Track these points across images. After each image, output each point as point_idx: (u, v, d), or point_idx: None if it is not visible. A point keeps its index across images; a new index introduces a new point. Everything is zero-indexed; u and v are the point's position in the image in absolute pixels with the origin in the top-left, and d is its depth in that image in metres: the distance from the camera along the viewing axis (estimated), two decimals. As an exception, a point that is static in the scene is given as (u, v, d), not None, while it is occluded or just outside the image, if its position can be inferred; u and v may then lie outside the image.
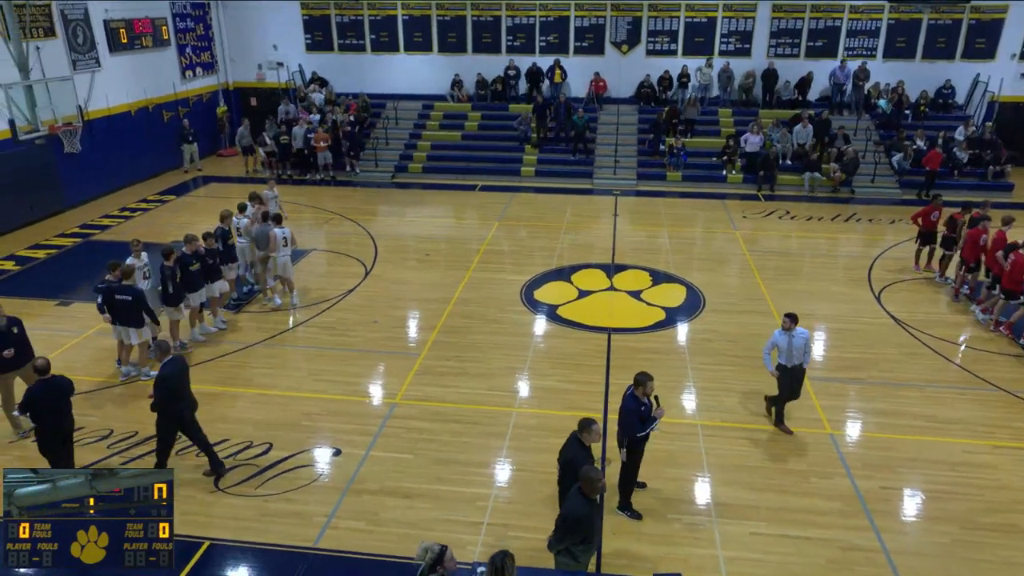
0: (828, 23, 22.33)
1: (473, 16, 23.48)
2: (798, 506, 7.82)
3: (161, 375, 7.92)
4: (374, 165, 21.82)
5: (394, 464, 8.48)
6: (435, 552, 5.17)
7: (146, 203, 19.11)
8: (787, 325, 8.75)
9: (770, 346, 8.91)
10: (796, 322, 8.76)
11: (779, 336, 8.82)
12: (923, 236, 14.21)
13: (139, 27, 20.66)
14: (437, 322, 12.15)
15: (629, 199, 19.76)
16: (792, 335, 8.74)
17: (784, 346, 8.78)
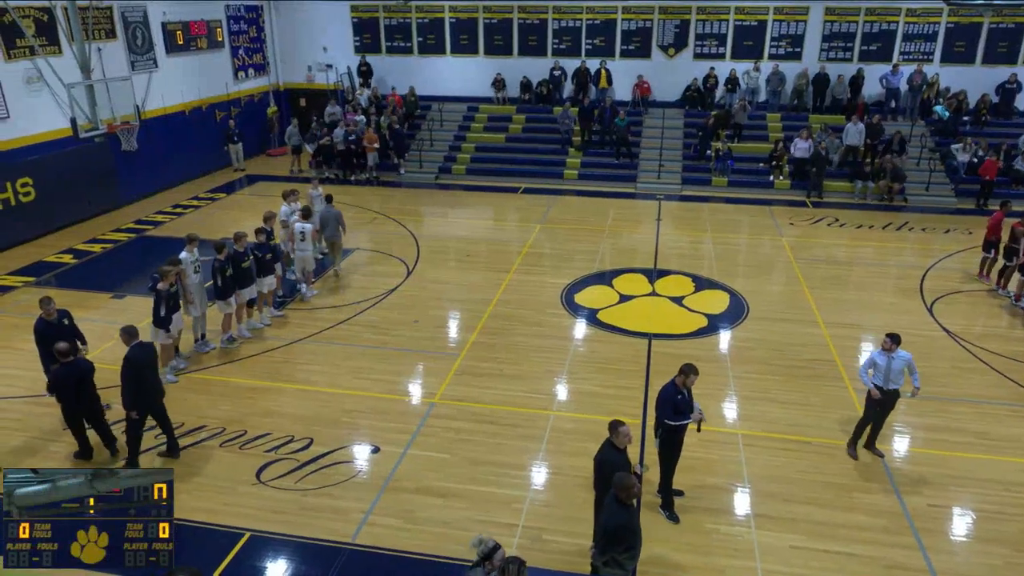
0: (883, 27, 21.77)
1: (520, 19, 23.54)
2: (841, 521, 7.65)
3: (126, 356, 8.12)
4: (419, 166, 22.03)
5: (431, 463, 8.54)
6: (488, 547, 5.15)
7: (197, 200, 19.63)
8: (888, 345, 8.32)
9: (868, 365, 8.50)
10: (898, 343, 8.32)
11: (878, 356, 8.39)
12: (988, 244, 13.72)
13: (195, 29, 21.26)
14: (477, 323, 12.20)
15: (673, 204, 19.57)
16: (892, 357, 8.30)
17: (883, 366, 8.34)
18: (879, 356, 8.38)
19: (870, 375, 8.50)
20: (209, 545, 7.27)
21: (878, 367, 8.36)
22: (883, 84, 21.57)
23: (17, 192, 15.58)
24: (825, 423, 9.41)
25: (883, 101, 21.79)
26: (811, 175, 19.71)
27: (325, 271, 14.46)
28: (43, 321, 9.05)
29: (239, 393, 10.08)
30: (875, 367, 8.39)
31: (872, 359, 8.45)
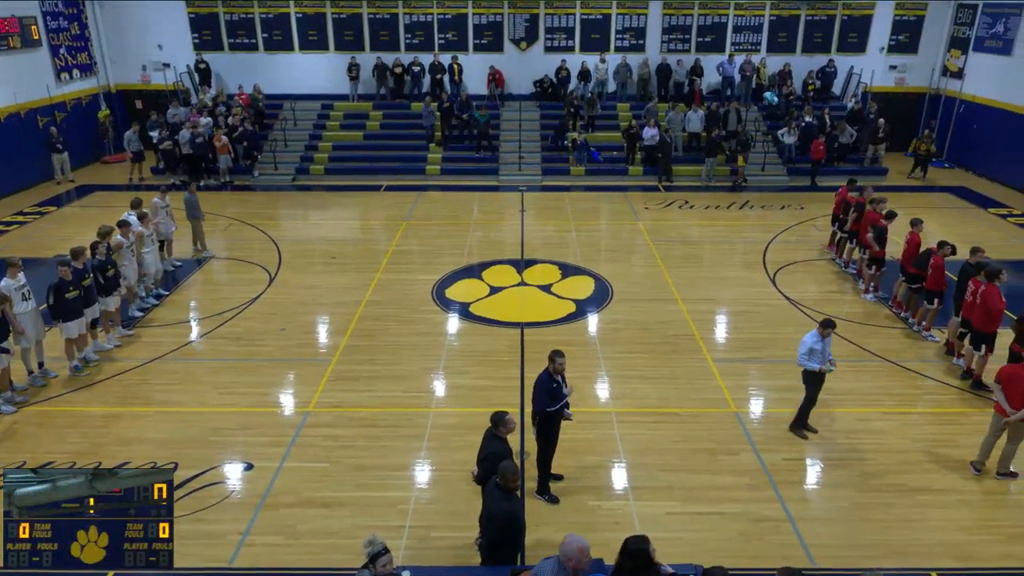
0: (715, 19, 23.31)
1: (370, 13, 23.10)
2: (710, 484, 8.15)
3: None
4: (273, 168, 21.14)
5: (310, 474, 8.28)
6: (376, 549, 5.13)
7: (22, 216, 17.81)
8: (824, 331, 8.63)
9: (806, 351, 8.69)
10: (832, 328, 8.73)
11: (814, 342, 8.63)
12: (835, 218, 14.85)
13: (4, 27, 19.16)
14: (348, 326, 11.92)
15: (535, 194, 20.01)
16: (826, 340, 8.67)
17: (819, 350, 8.64)
18: (815, 341, 8.63)
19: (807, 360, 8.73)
20: (67, 591, 6.67)
21: (815, 352, 8.64)
22: (719, 72, 23.09)
23: None
24: (690, 394, 9.99)
25: (719, 89, 23.35)
26: (660, 161, 20.78)
27: (179, 283, 13.63)
28: None
29: (90, 422, 9.30)
30: (812, 352, 8.65)
31: (809, 346, 8.64)
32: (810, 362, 8.67)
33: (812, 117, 21.41)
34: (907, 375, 10.58)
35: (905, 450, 8.81)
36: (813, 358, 8.65)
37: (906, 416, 9.60)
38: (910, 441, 8.99)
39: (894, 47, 23.62)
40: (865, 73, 23.29)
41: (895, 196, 16.79)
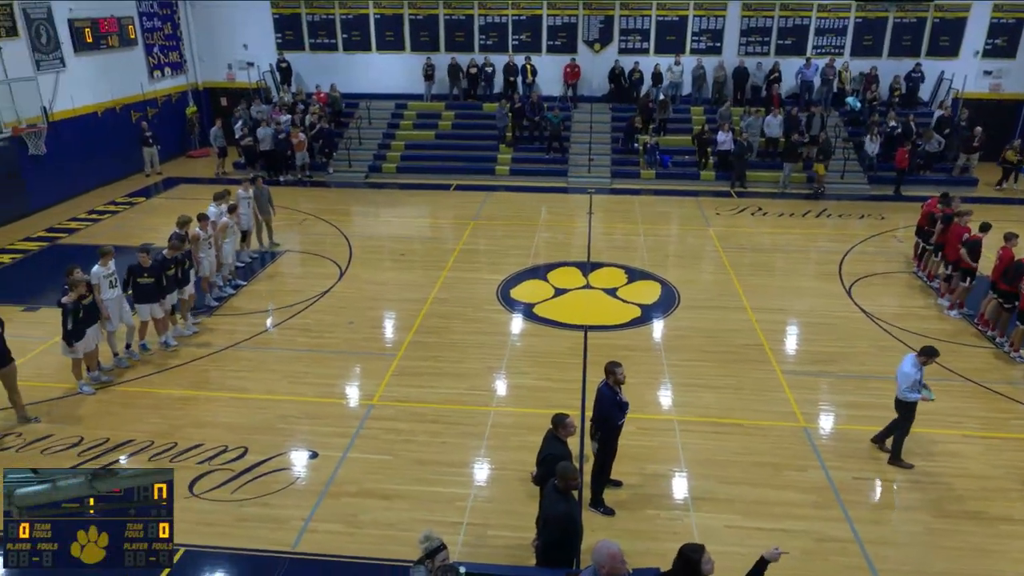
0: (797, 21, 22.63)
1: (446, 15, 23.41)
2: (773, 499, 7.91)
3: None
4: (347, 165, 21.66)
5: (372, 466, 8.43)
6: (433, 545, 5.16)
7: (114, 205, 18.78)
8: (928, 361, 8.27)
9: (913, 382, 8.19)
10: None
11: (915, 370, 8.21)
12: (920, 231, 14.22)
13: (104, 26, 20.27)
14: (414, 322, 12.10)
15: (604, 197, 19.85)
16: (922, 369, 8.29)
17: (918, 379, 8.22)
18: (917, 371, 8.22)
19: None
20: (141, 563, 6.99)
21: (917, 383, 8.26)
22: (798, 77, 22.40)
23: (-88, 201, 14.59)
24: (756, 406, 9.72)
25: (798, 94, 22.67)
26: (733, 166, 20.33)
27: (255, 274, 14.15)
28: None
29: (168, 404, 9.73)
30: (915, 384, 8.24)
31: (913, 378, 8.21)
32: (913, 393, 8.23)
33: (897, 123, 20.53)
34: (993, 397, 10.02)
35: (987, 476, 8.35)
36: (914, 389, 8.23)
37: (990, 440, 9.08)
38: (993, 467, 8.52)
39: (990, 51, 22.37)
40: (957, 78, 22.13)
41: (982, 208, 15.95)
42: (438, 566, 5.13)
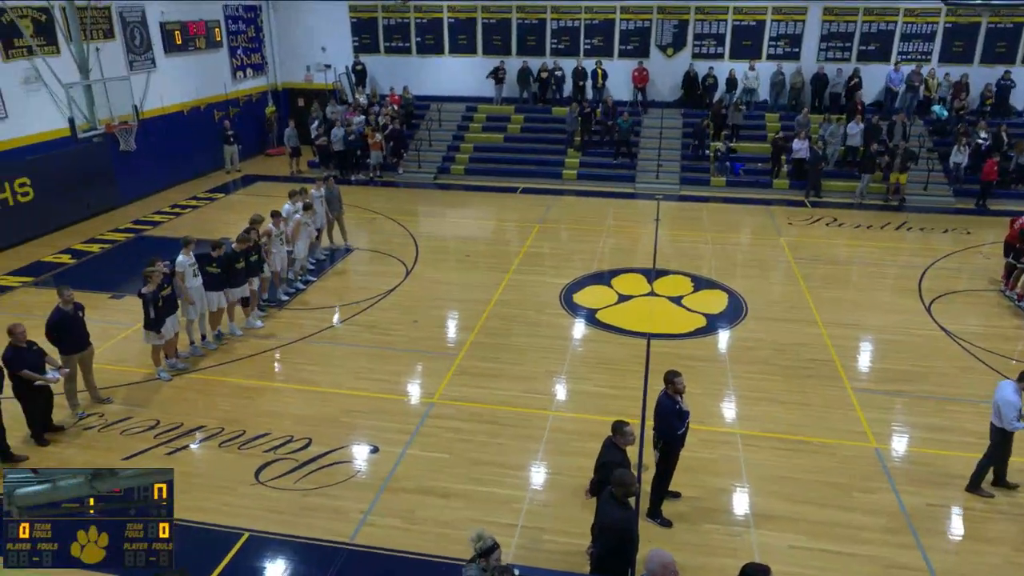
0: (881, 27, 21.79)
1: (518, 19, 23.52)
2: (840, 520, 7.63)
3: None
4: (417, 166, 22.00)
5: (431, 463, 8.51)
6: (487, 544, 5.14)
7: (196, 200, 19.59)
8: None
9: (1017, 414, 7.73)
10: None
11: (1016, 397, 7.80)
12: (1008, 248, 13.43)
13: (193, 29, 21.21)
14: (476, 323, 12.18)
15: (672, 204, 19.57)
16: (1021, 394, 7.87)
17: (1019, 405, 7.76)
18: (1018, 398, 7.78)
19: None
20: (208, 545, 7.25)
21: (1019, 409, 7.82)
22: (887, 83, 21.54)
23: (15, 192, 15.53)
24: (824, 423, 9.39)
25: (881, 101, 21.81)
26: (808, 175, 19.72)
27: (325, 271, 14.52)
28: (59, 311, 9.11)
29: (239, 393, 10.07)
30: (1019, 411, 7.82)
31: (1018, 406, 7.77)
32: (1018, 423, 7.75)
33: (987, 134, 19.52)
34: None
35: (1078, 510, 7.85)
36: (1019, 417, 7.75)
37: (1080, 472, 8.54)
38: (1084, 500, 8.00)
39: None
40: (1056, 87, 20.93)
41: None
42: (493, 566, 5.12)
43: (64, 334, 9.09)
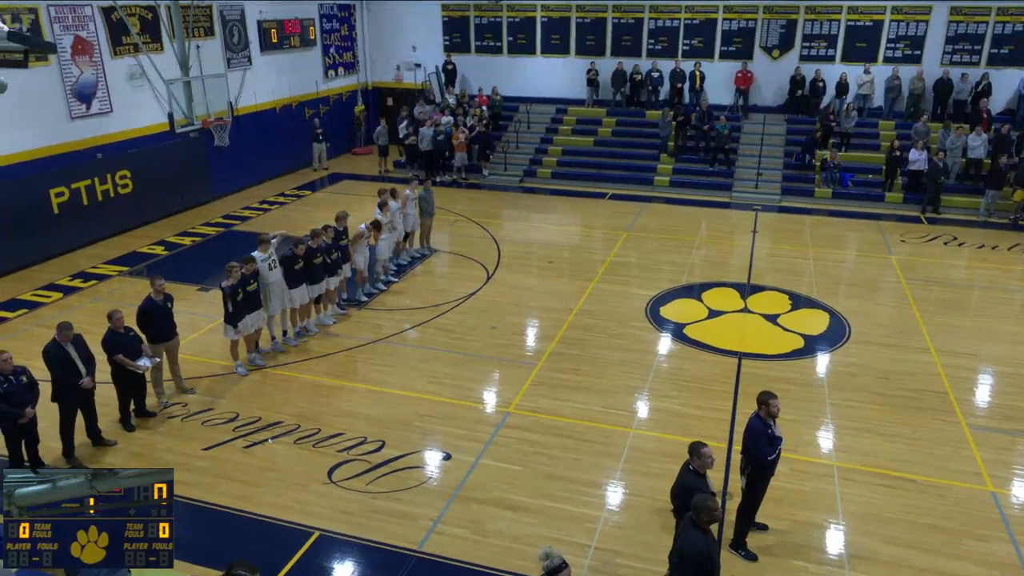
0: (1017, 28, 20.02)
1: (615, 18, 23.02)
2: (947, 569, 6.97)
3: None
4: (503, 168, 21.86)
5: (503, 474, 8.31)
6: (555, 563, 4.95)
7: (283, 197, 20.07)
8: None
9: None
10: None
11: None
12: None
13: (289, 28, 21.78)
14: (556, 332, 11.86)
15: (771, 215, 18.65)
16: None
17: None
18: None
19: None
20: (279, 542, 7.31)
21: None
22: (1020, 90, 19.86)
23: (116, 184, 16.24)
24: (933, 460, 8.62)
25: (1014, 110, 20.08)
26: (926, 188, 18.36)
27: (405, 272, 14.55)
28: (150, 300, 9.39)
29: (316, 391, 10.13)
30: None
31: None
32: None
33: None
34: None
35: None
36: None
37: None
38: None
39: None
40: None
41: None
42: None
43: (152, 323, 9.34)
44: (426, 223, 15.37)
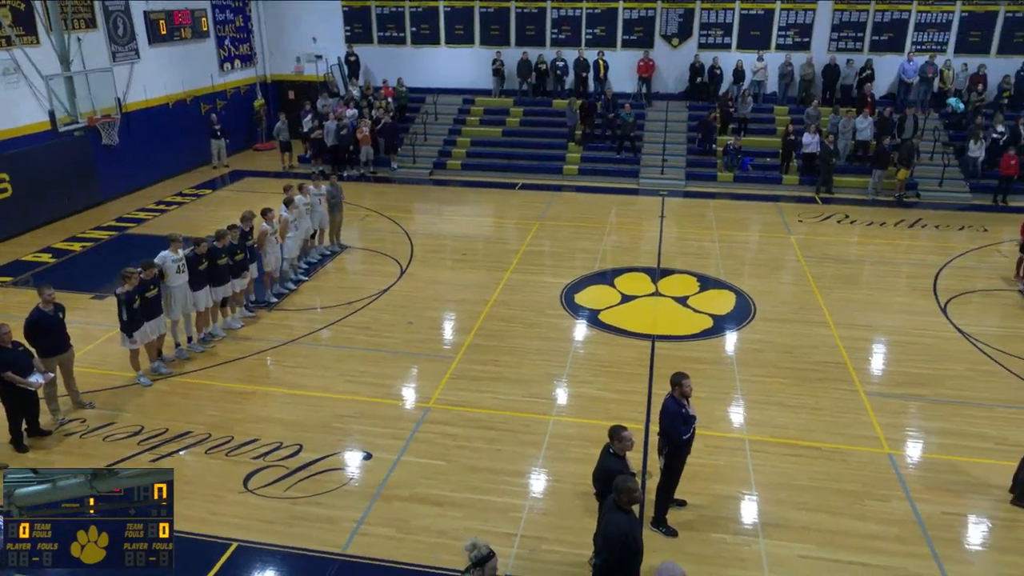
0: (895, 16, 21.32)
1: (517, 8, 23.06)
2: (852, 529, 7.38)
3: None
4: (412, 161, 21.59)
5: (426, 470, 8.26)
6: (481, 553, 4.95)
7: (181, 197, 19.18)
8: None
9: None
10: None
11: None
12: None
13: (179, 18, 20.73)
14: (473, 324, 11.84)
15: (677, 200, 19.19)
16: None
17: None
18: None
19: None
20: (195, 556, 7.02)
21: None
22: (900, 75, 21.13)
23: (-7, 189, 15.14)
24: (835, 428, 9.09)
25: (895, 94, 21.35)
26: (819, 170, 19.34)
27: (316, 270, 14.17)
28: (38, 311, 8.87)
29: (227, 397, 9.75)
30: None
31: None
32: None
33: (1004, 127, 19.09)
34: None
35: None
36: None
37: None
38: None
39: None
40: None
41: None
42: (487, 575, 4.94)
43: (43, 335, 8.80)
44: (335, 219, 15.00)
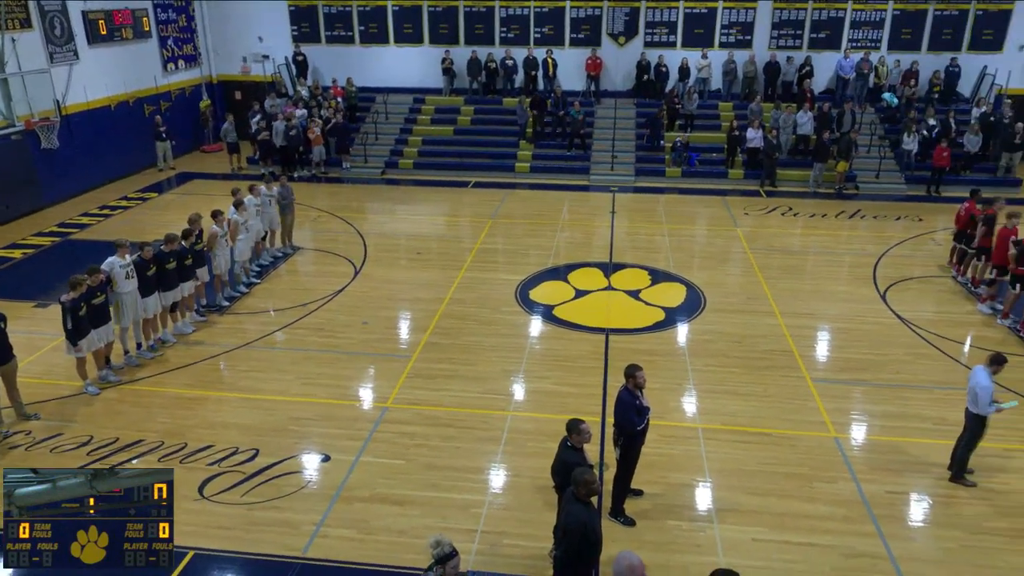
0: (831, 14, 22.02)
1: (466, 6, 23.06)
2: (802, 511, 7.63)
3: None
4: (363, 161, 21.42)
5: (385, 470, 8.25)
6: (444, 551, 4.96)
7: (126, 200, 18.68)
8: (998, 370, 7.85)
9: (991, 395, 7.75)
10: None
11: (989, 380, 7.77)
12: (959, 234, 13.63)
13: (119, 18, 20.15)
14: (429, 323, 11.85)
15: (627, 196, 19.46)
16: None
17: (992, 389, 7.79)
18: (991, 382, 7.79)
19: None
20: (149, 566, 6.84)
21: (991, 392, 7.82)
22: (838, 71, 21.79)
23: (-76, 195, 14.53)
24: (784, 414, 9.38)
25: (833, 89, 22.03)
26: (763, 165, 19.83)
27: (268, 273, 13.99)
28: None
29: (179, 404, 9.58)
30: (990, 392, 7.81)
31: (990, 387, 7.76)
32: (993, 406, 7.75)
33: (935, 120, 19.86)
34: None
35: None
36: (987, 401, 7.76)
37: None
38: (1043, 485, 8.10)
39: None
40: (1000, 74, 21.35)
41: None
42: (451, 574, 4.96)
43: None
44: (287, 220, 14.81)
